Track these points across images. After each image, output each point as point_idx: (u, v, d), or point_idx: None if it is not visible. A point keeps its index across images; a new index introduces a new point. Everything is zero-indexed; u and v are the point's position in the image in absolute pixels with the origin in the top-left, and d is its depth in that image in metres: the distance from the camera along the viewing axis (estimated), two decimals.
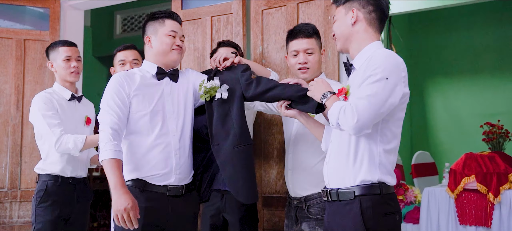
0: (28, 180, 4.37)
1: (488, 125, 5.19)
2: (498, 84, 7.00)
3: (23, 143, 4.38)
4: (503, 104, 6.90)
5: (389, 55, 2.16)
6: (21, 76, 4.42)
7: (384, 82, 2.08)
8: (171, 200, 2.61)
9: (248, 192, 2.60)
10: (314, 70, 2.85)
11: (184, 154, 2.66)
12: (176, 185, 2.62)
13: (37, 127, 3.24)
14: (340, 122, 2.12)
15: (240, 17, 3.65)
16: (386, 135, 2.17)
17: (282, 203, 3.45)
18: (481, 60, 7.10)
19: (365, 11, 2.25)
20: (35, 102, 3.22)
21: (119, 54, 3.35)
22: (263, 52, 3.58)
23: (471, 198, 3.94)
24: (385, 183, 2.16)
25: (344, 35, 2.29)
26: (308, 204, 2.80)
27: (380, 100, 2.07)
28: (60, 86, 3.36)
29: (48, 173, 3.24)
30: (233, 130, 2.60)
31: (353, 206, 2.15)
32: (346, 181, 2.20)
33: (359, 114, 2.06)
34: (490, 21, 7.07)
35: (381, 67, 2.10)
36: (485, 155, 4.17)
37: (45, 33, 4.51)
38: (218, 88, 2.64)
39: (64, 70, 3.33)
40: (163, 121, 2.62)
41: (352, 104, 2.09)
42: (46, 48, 3.42)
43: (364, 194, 2.14)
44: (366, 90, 2.09)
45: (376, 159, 2.15)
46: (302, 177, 2.83)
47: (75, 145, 3.11)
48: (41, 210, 3.16)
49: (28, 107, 4.36)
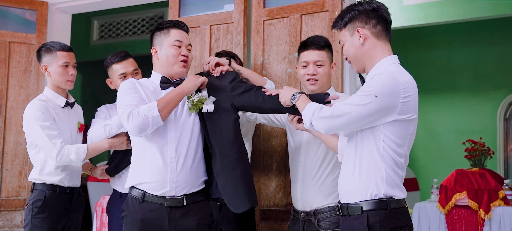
0: (9, 188, 4.18)
1: (470, 142, 5.28)
2: (474, 103, 7.16)
3: (5, 150, 4.19)
4: (479, 122, 7.07)
5: (392, 75, 2.13)
6: (5, 80, 4.24)
7: (373, 98, 2.07)
8: (170, 211, 2.56)
9: (238, 201, 2.56)
10: (323, 82, 2.82)
11: (182, 163, 2.58)
12: (173, 195, 2.56)
13: (32, 137, 3.06)
14: (314, 122, 2.19)
15: (241, 26, 3.61)
16: (391, 151, 2.15)
17: (281, 216, 3.40)
18: (458, 79, 7.26)
19: (369, 27, 2.22)
20: (31, 111, 3.03)
21: (117, 67, 3.20)
22: (264, 63, 3.54)
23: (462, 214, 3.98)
24: (393, 197, 2.14)
25: (356, 57, 2.27)
26: (318, 217, 2.76)
27: (362, 113, 2.09)
28: (52, 93, 3.16)
29: (46, 183, 3.06)
30: (222, 142, 2.58)
31: (361, 221, 2.13)
32: (355, 196, 2.19)
33: (336, 115, 2.13)
34: (468, 41, 7.25)
35: (376, 84, 2.11)
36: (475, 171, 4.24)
37: (32, 36, 4.35)
38: (205, 100, 2.59)
39: (60, 77, 3.13)
40: (163, 129, 2.59)
41: (333, 106, 2.15)
42: (39, 49, 3.20)
43: (371, 209, 2.12)
44: (352, 99, 2.12)
45: (382, 172, 2.13)
46: (313, 189, 2.79)
47: (77, 156, 2.97)
48: (38, 221, 2.99)
49: (11, 112, 4.24)
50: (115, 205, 3.22)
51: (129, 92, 2.62)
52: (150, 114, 2.47)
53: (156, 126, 2.50)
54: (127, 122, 2.49)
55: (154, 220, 2.56)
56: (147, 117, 2.46)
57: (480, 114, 7.06)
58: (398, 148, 2.14)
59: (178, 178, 2.57)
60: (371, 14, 2.23)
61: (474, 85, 7.21)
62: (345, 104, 2.13)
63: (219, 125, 2.59)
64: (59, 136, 2.99)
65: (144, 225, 2.54)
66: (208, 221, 2.65)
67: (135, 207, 2.58)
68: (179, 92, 2.57)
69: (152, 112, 2.47)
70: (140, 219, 2.54)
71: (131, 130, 2.52)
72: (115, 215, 3.20)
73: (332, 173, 2.77)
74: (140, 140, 2.61)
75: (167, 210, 2.56)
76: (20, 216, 4.19)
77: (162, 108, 2.49)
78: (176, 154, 2.58)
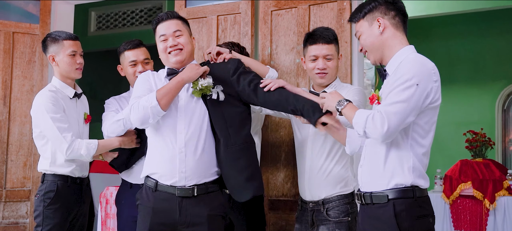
0: (14, 179, 4.18)
1: (471, 133, 5.32)
2: (473, 94, 7.20)
3: (10, 140, 4.18)
4: (477, 113, 7.11)
5: (419, 60, 2.16)
6: (9, 70, 4.21)
7: (415, 88, 2.08)
8: (181, 201, 2.57)
9: (241, 190, 2.57)
10: (332, 75, 2.85)
11: (192, 153, 2.59)
12: (183, 185, 2.57)
13: (42, 128, 3.02)
14: (368, 130, 2.12)
15: (248, 17, 3.61)
16: (418, 139, 2.17)
17: (289, 206, 3.41)
18: (457, 70, 7.29)
19: (389, 17, 2.25)
20: (42, 102, 2.99)
21: (129, 54, 3.19)
22: (272, 53, 3.54)
23: (466, 204, 4.02)
24: (418, 186, 2.17)
25: (375, 46, 2.28)
26: (326, 206, 2.77)
27: (410, 106, 2.07)
28: (61, 83, 3.12)
29: (57, 173, 3.04)
30: (226, 130, 2.58)
31: (387, 209, 2.15)
32: (379, 185, 2.20)
33: (390, 122, 2.06)
34: (467, 32, 7.28)
35: (411, 73, 2.10)
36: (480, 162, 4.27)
37: (35, 26, 4.33)
38: (211, 87, 2.59)
39: (68, 66, 3.10)
40: (173, 119, 2.60)
41: (382, 112, 2.08)
42: (44, 39, 3.16)
43: (397, 197, 2.14)
44: (395, 97, 2.09)
45: (409, 162, 2.15)
46: (320, 180, 2.80)
47: (87, 152, 2.96)
48: (50, 212, 2.97)
49: (16, 103, 4.22)
50: (125, 196, 3.21)
51: (140, 85, 2.66)
52: (149, 104, 2.49)
53: (157, 115, 2.51)
54: (130, 114, 2.54)
55: (166, 209, 2.58)
56: (146, 107, 2.49)
57: (478, 106, 7.10)
58: (425, 136, 2.16)
59: (187, 168, 2.58)
60: (390, 6, 2.27)
61: (472, 77, 7.25)
62: (391, 104, 2.09)
63: (224, 112, 2.59)
64: (70, 129, 2.98)
65: (156, 214, 2.58)
66: (220, 212, 2.62)
67: (148, 196, 2.62)
68: (178, 80, 2.56)
69: (151, 102, 2.48)
70: (152, 207, 2.58)
71: (133, 122, 2.56)
72: (125, 206, 3.19)
73: (339, 163, 2.79)
74: (152, 130, 2.63)
75: (178, 199, 2.57)
76: (26, 207, 4.18)
77: (161, 97, 2.50)
78: (185, 144, 2.58)
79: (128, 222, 3.17)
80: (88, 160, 3.06)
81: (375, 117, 2.10)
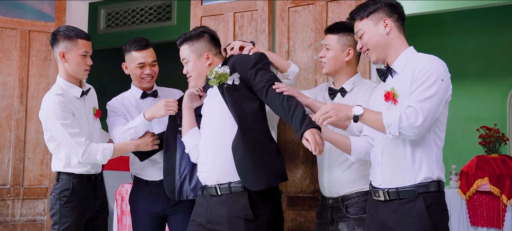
0: (31, 177, 4.20)
1: (485, 128, 5.31)
2: (484, 90, 7.17)
3: (27, 138, 4.20)
4: (488, 109, 7.08)
5: (436, 58, 2.27)
6: (25, 68, 4.24)
7: (440, 83, 2.17)
8: (210, 199, 2.65)
9: (256, 179, 2.53)
10: (329, 66, 2.82)
11: (213, 153, 2.63)
12: (208, 184, 2.66)
13: (53, 133, 2.95)
14: (403, 129, 2.16)
15: (265, 14, 3.61)
16: (439, 133, 2.27)
17: (308, 203, 3.42)
18: (468, 66, 7.26)
19: (393, 19, 2.36)
20: (50, 108, 2.91)
21: (137, 55, 3.16)
22: (289, 50, 3.55)
23: (483, 200, 4.02)
24: (441, 180, 2.25)
25: (380, 45, 2.36)
26: (346, 203, 2.77)
27: (438, 101, 2.17)
28: (67, 83, 2.99)
29: (73, 172, 3.01)
30: (245, 118, 2.57)
31: (417, 204, 2.21)
32: (406, 180, 2.25)
33: (425, 117, 2.13)
34: (477, 28, 7.25)
35: (434, 69, 2.19)
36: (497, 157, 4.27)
37: (51, 24, 4.34)
38: (228, 75, 2.60)
39: (78, 66, 2.98)
40: (202, 119, 2.74)
41: (416, 108, 2.15)
42: (55, 33, 3.01)
43: (426, 191, 2.21)
44: (425, 93, 2.16)
45: (433, 156, 2.23)
46: (339, 177, 2.80)
47: (103, 157, 2.95)
48: (67, 210, 2.95)
49: (32, 101, 4.24)
50: (140, 193, 3.22)
51: None
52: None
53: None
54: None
55: (201, 204, 2.71)
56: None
57: (489, 101, 7.08)
58: (443, 130, 2.28)
59: (209, 167, 2.65)
60: (394, 9, 2.37)
61: (483, 73, 7.22)
62: (423, 100, 2.16)
63: (241, 102, 2.59)
64: (82, 133, 2.93)
65: (196, 207, 2.76)
66: (242, 214, 2.55)
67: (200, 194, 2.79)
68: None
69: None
70: (195, 200, 2.81)
71: None
72: (141, 203, 3.21)
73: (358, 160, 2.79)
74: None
75: (207, 197, 2.67)
76: (43, 204, 4.21)
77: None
78: (206, 144, 2.67)
79: (145, 219, 3.19)
80: (103, 163, 3.03)
81: (408, 114, 2.15)
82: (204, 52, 2.75)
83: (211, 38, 2.80)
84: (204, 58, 2.74)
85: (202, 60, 2.74)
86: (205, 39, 2.77)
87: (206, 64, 2.74)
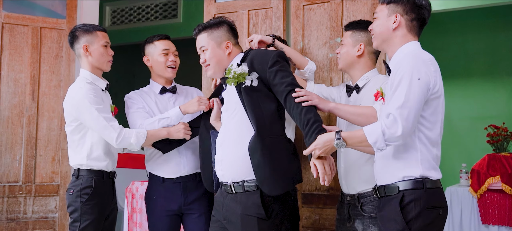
0: (43, 174, 4.20)
1: (493, 127, 5.32)
2: (489, 89, 7.18)
3: (38, 135, 4.20)
4: (494, 108, 7.08)
5: (415, 54, 2.22)
6: (37, 65, 4.23)
7: (416, 83, 2.13)
8: (226, 196, 2.67)
9: (273, 184, 2.53)
10: (343, 61, 2.87)
11: (227, 152, 2.65)
12: (223, 181, 2.68)
13: (86, 120, 2.95)
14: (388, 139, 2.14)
15: (280, 11, 3.61)
16: (425, 131, 2.22)
17: (323, 200, 3.43)
18: (473, 65, 7.27)
19: (407, 18, 2.31)
20: (83, 95, 2.93)
21: (160, 43, 3.22)
22: (304, 48, 3.55)
23: (495, 198, 4.04)
24: (429, 178, 2.21)
25: (383, 36, 2.36)
26: (361, 201, 2.78)
27: (417, 102, 2.12)
28: (92, 75, 3.06)
29: (93, 169, 3.02)
30: (263, 120, 2.55)
31: (397, 200, 2.21)
32: (391, 177, 2.26)
33: (403, 123, 2.10)
34: (483, 26, 7.25)
35: (406, 70, 2.15)
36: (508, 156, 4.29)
37: (62, 21, 4.34)
38: (246, 74, 2.58)
39: (102, 56, 3.05)
40: (222, 116, 2.75)
41: (395, 115, 2.11)
42: (74, 30, 3.07)
43: (407, 188, 2.20)
44: (400, 98, 2.12)
45: (417, 154, 2.21)
46: (355, 174, 2.82)
47: (137, 140, 2.94)
48: (88, 208, 2.95)
49: (44, 98, 4.24)
50: (157, 190, 3.21)
51: None
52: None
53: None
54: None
55: (219, 202, 2.73)
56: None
57: (495, 100, 7.08)
58: (432, 128, 2.22)
59: (223, 166, 2.66)
60: (414, 8, 2.32)
61: (489, 71, 7.22)
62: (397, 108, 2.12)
63: (260, 102, 2.56)
64: (114, 118, 2.98)
65: (215, 203, 2.77)
66: (254, 213, 2.54)
67: None
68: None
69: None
70: (214, 196, 2.83)
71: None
72: (157, 200, 3.20)
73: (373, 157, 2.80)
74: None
75: (224, 194, 2.68)
76: (54, 202, 4.21)
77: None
78: (222, 142, 2.68)
79: (162, 216, 3.18)
80: (136, 149, 3.02)
81: (388, 125, 2.13)
82: (224, 40, 2.73)
83: (230, 28, 2.79)
84: (223, 47, 2.72)
85: (221, 48, 2.72)
86: (224, 28, 2.76)
87: (226, 53, 2.72)
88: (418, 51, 2.25)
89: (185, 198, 3.14)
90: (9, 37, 4.17)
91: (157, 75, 3.26)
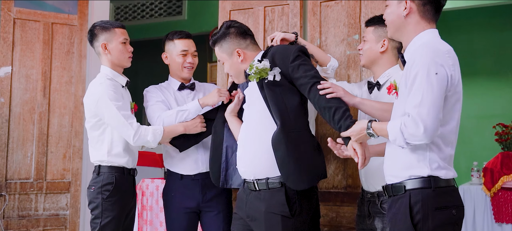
0: (54, 171, 4.17)
1: (501, 125, 5.32)
2: (495, 88, 7.19)
3: (50, 132, 4.17)
4: (499, 107, 7.10)
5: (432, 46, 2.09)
6: (48, 61, 4.20)
7: (434, 77, 2.01)
8: (249, 193, 2.64)
9: (299, 178, 2.50)
10: (365, 57, 2.84)
11: (249, 149, 2.63)
12: (246, 178, 2.66)
13: (105, 116, 2.94)
14: (408, 139, 2.05)
15: (297, 8, 3.58)
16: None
17: (340, 198, 3.41)
18: (479, 63, 7.28)
19: (418, 3, 2.17)
20: (103, 91, 2.93)
21: (180, 43, 3.20)
22: (321, 45, 3.52)
23: (508, 197, 4.03)
24: (438, 177, 2.10)
25: (395, 25, 2.24)
26: (381, 199, 2.77)
27: (437, 98, 2.01)
28: (113, 72, 3.05)
29: (114, 165, 3.00)
30: (287, 114, 2.52)
31: (403, 200, 2.13)
32: (398, 176, 2.18)
33: (424, 122, 2.00)
34: (488, 25, 7.26)
35: (423, 65, 2.03)
36: None
37: (74, 17, 4.31)
38: (268, 70, 2.55)
39: (122, 53, 3.03)
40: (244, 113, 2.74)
41: (414, 116, 2.02)
42: (92, 29, 3.07)
43: (414, 188, 2.11)
44: (417, 96, 2.02)
45: (426, 153, 2.10)
46: (375, 171, 2.80)
47: (154, 138, 2.94)
48: (109, 204, 2.93)
49: (55, 94, 4.20)
50: (175, 188, 3.19)
51: None
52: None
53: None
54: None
55: (241, 199, 2.70)
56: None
57: (501, 99, 7.10)
58: (444, 124, 2.08)
59: (246, 162, 2.64)
60: None
61: (495, 70, 7.24)
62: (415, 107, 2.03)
63: (283, 97, 2.54)
64: (133, 115, 2.97)
65: (237, 200, 2.75)
66: (279, 210, 2.52)
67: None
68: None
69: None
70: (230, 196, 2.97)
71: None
72: (175, 197, 3.18)
73: None
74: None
75: (247, 191, 2.66)
76: (66, 199, 4.18)
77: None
78: (243, 139, 2.67)
79: (179, 213, 3.17)
80: (153, 146, 3.01)
81: (407, 124, 2.03)
82: (233, 49, 2.70)
83: (237, 32, 2.73)
84: (235, 56, 2.70)
85: (234, 58, 2.70)
86: (231, 36, 2.71)
87: (239, 61, 2.69)
88: (435, 41, 2.12)
89: (203, 195, 3.13)
90: (20, 32, 4.14)
91: (175, 73, 3.24)
